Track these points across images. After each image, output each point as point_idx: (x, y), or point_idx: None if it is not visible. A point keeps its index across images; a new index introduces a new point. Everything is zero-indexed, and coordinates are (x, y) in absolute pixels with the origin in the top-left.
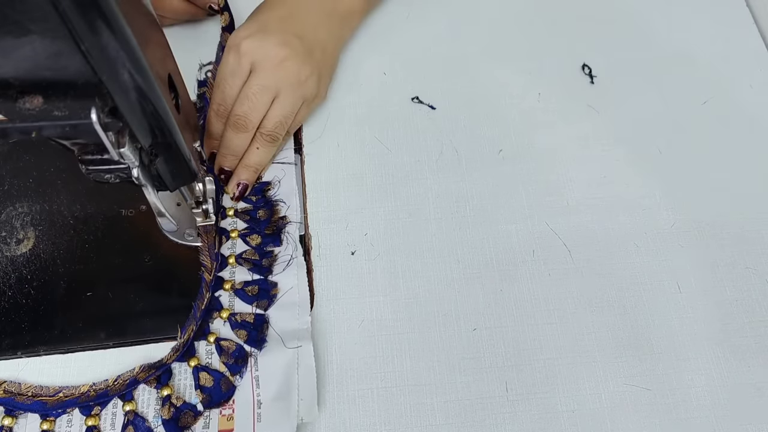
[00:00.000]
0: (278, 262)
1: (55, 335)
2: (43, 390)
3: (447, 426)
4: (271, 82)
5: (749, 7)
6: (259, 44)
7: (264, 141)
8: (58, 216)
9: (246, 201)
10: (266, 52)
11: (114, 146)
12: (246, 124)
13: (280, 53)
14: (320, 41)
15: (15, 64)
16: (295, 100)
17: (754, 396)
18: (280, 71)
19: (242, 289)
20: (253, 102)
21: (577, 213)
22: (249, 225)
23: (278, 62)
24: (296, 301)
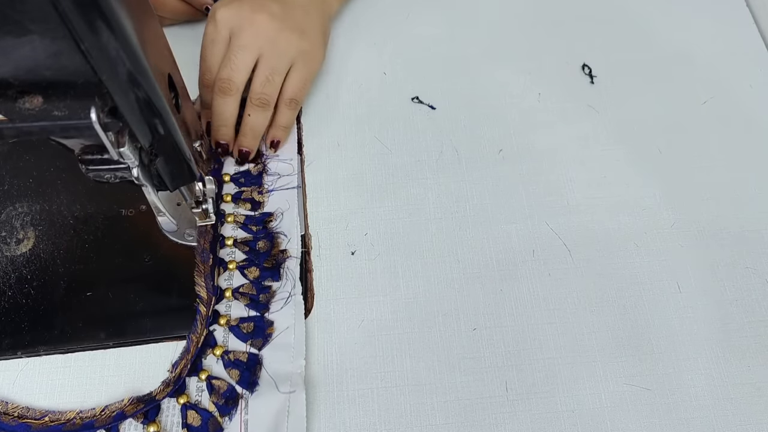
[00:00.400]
0: (276, 299)
1: (55, 335)
2: (30, 412)
3: (447, 426)
4: (249, 42)
5: (749, 7)
6: (235, 11)
7: (253, 106)
8: (58, 216)
9: (246, 230)
10: (242, 16)
11: (114, 146)
12: (230, 87)
13: (255, 15)
14: (299, 3)
15: (15, 64)
16: (279, 57)
17: (754, 396)
18: (256, 31)
19: (237, 326)
20: (234, 63)
21: (577, 213)
22: (248, 256)
23: (253, 23)
24: (291, 342)
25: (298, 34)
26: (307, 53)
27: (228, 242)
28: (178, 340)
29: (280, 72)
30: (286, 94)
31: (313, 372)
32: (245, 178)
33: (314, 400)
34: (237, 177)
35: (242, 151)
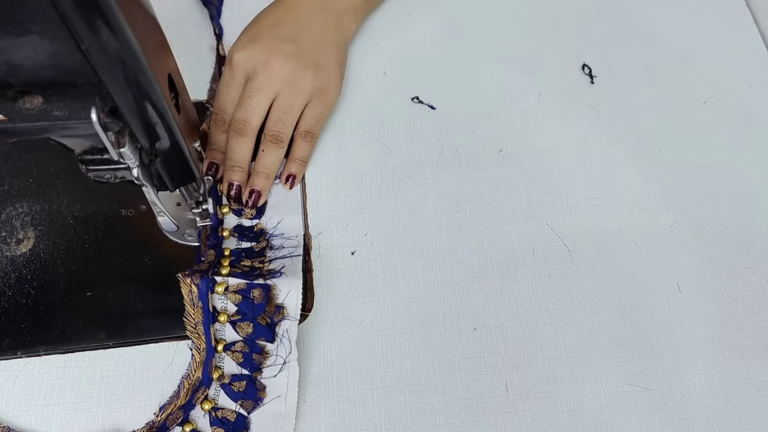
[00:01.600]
0: (270, 364)
1: (55, 335)
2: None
3: (447, 426)
4: (264, 84)
5: (749, 7)
6: (249, 54)
7: (267, 142)
8: (58, 216)
9: (240, 276)
10: (256, 60)
11: (114, 146)
12: (246, 128)
13: (269, 57)
14: (315, 38)
15: (15, 64)
16: (294, 96)
17: (754, 396)
18: (271, 73)
19: (230, 384)
20: (250, 105)
21: (577, 213)
22: (240, 308)
23: (267, 65)
24: (282, 412)
25: (314, 71)
26: (323, 89)
27: (218, 289)
28: (178, 340)
29: (295, 110)
30: (301, 127)
31: (313, 372)
32: (247, 252)
33: (314, 400)
34: (238, 252)
35: (254, 192)
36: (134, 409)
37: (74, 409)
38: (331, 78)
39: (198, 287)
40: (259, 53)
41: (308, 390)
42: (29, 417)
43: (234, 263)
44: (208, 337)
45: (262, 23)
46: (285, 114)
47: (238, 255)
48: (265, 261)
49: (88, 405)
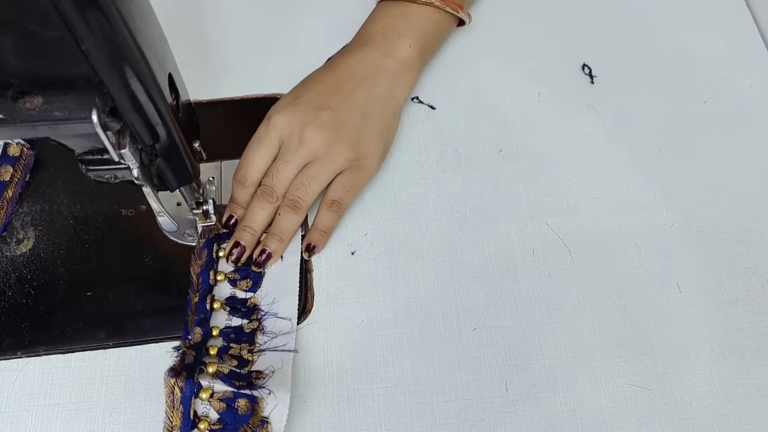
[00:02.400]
0: None
1: (55, 335)
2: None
3: (447, 426)
4: (296, 157)
5: (749, 7)
6: (288, 119)
7: (285, 206)
8: (58, 216)
9: (228, 383)
10: (292, 128)
11: (114, 147)
12: (270, 195)
13: (306, 129)
14: (358, 107)
15: (15, 64)
16: (323, 166)
17: (754, 396)
18: (305, 147)
19: None
20: (278, 175)
21: (577, 213)
22: (223, 417)
23: (303, 138)
24: None
25: (351, 144)
26: (359, 161)
27: (203, 395)
28: (178, 340)
29: (321, 179)
30: (329, 195)
31: (313, 372)
32: (236, 334)
33: (314, 400)
34: (227, 332)
35: (265, 252)
36: (134, 409)
37: (74, 409)
38: (370, 151)
39: (182, 390)
40: (297, 121)
41: (308, 390)
42: (29, 417)
43: (221, 352)
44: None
45: (307, 87)
46: (309, 180)
47: (226, 337)
48: (255, 351)
49: (88, 405)
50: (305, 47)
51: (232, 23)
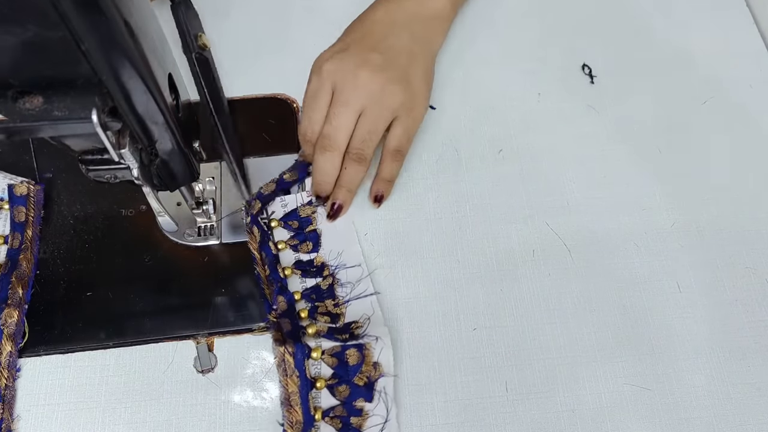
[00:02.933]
0: (369, 427)
1: (55, 335)
2: None
3: (447, 426)
4: (351, 98)
5: (749, 7)
6: (338, 65)
7: (350, 160)
8: (58, 216)
9: (332, 339)
10: (345, 71)
11: (114, 147)
12: (332, 145)
13: (358, 70)
14: (403, 49)
15: (15, 64)
16: (380, 113)
17: (754, 396)
18: (359, 87)
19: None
20: (336, 121)
21: (577, 213)
22: (337, 372)
23: (356, 78)
24: None
25: (403, 85)
26: (411, 104)
27: (314, 354)
28: (178, 340)
29: (380, 129)
30: (390, 145)
31: None
32: (316, 293)
33: None
34: (308, 294)
35: (335, 205)
36: (134, 409)
37: (74, 409)
38: (419, 92)
39: (294, 356)
40: (348, 64)
41: None
42: (29, 417)
43: (311, 313)
44: (306, 407)
45: (350, 36)
46: (370, 134)
47: (308, 298)
48: (340, 304)
49: (88, 405)
50: (305, 47)
51: (231, 23)
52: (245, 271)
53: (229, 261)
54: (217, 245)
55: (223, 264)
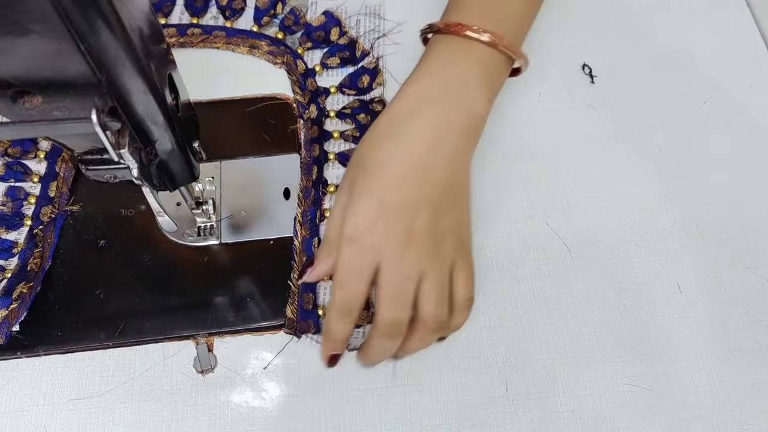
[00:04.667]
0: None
1: (55, 335)
2: None
3: (447, 426)
4: (412, 272)
5: (749, 7)
6: (383, 234)
7: (428, 330)
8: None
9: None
10: (390, 241)
11: (114, 147)
12: (401, 330)
13: (409, 237)
14: (450, 182)
15: (15, 64)
16: (442, 272)
17: (754, 396)
18: (414, 258)
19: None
20: (405, 297)
21: (577, 213)
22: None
23: (406, 249)
24: None
25: (457, 238)
26: (466, 246)
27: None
28: (178, 340)
29: (446, 286)
30: (461, 295)
31: (313, 372)
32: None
33: (314, 400)
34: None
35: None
36: (134, 409)
37: (74, 409)
38: (468, 234)
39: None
40: (393, 233)
41: (308, 390)
42: (29, 417)
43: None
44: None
45: (382, 178)
46: (442, 297)
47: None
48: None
49: (88, 405)
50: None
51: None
52: (245, 271)
53: (229, 261)
54: (217, 245)
55: (223, 264)
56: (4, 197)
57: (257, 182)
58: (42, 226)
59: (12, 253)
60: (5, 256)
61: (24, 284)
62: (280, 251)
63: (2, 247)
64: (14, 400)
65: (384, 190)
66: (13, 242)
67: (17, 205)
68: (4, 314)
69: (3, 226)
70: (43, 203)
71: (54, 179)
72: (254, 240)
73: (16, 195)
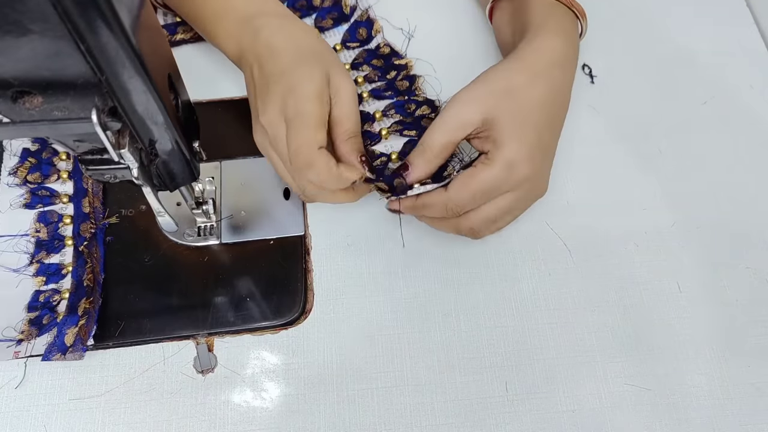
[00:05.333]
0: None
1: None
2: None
3: (447, 426)
4: (520, 206)
5: (749, 7)
6: (534, 168)
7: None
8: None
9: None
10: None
11: (114, 147)
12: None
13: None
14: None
15: (15, 64)
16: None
17: (754, 396)
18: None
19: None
20: (497, 224)
21: (577, 213)
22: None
23: (536, 183)
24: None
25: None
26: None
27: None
28: (178, 340)
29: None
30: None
31: (313, 372)
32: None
33: (314, 400)
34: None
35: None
36: (134, 409)
37: (74, 409)
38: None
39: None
40: (538, 165)
41: (308, 390)
42: (29, 417)
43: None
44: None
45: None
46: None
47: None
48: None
49: (88, 405)
50: None
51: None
52: (245, 271)
53: (229, 261)
54: (217, 245)
55: (223, 264)
56: (37, 224)
57: (257, 182)
58: (86, 242)
59: (62, 274)
60: (56, 279)
61: (85, 300)
62: (280, 251)
63: (50, 272)
64: (14, 400)
65: (536, 123)
66: (60, 264)
67: (53, 229)
68: (75, 331)
69: (43, 251)
70: (81, 220)
71: (84, 195)
72: (254, 240)
73: (48, 219)
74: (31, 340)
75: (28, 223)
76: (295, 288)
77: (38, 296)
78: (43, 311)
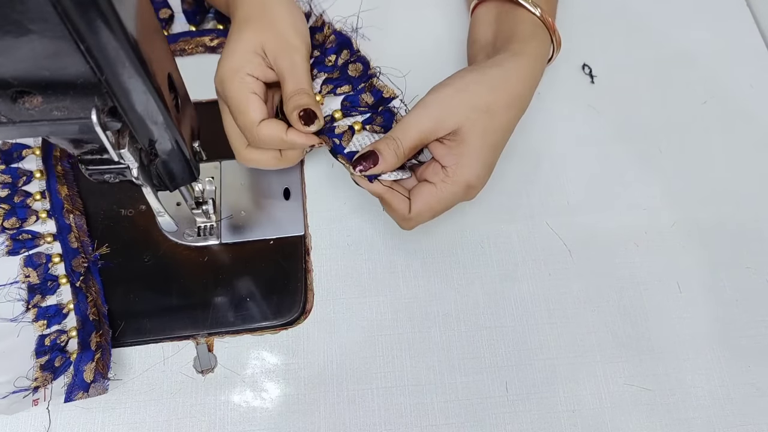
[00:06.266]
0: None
1: None
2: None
3: (447, 426)
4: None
5: (749, 7)
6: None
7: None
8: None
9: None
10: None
11: (114, 147)
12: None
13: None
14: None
15: (15, 64)
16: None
17: (754, 396)
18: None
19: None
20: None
21: (577, 213)
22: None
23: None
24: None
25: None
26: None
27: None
28: (178, 340)
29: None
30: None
31: (313, 372)
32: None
33: (314, 400)
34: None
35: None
36: (134, 409)
37: (74, 409)
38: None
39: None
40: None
41: (308, 390)
42: (29, 417)
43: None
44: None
45: (497, 136)
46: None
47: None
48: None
49: (88, 405)
50: None
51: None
52: (245, 271)
53: (229, 261)
54: (217, 245)
55: (223, 264)
56: (25, 269)
57: (257, 182)
58: (82, 277)
59: (63, 314)
60: (58, 320)
61: (95, 334)
62: (280, 251)
63: (50, 314)
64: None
65: (496, 140)
66: (59, 304)
67: (42, 270)
68: (93, 366)
69: (38, 294)
70: (71, 257)
71: (69, 231)
72: (254, 240)
73: (36, 262)
74: (47, 385)
75: (16, 270)
76: (295, 288)
77: (43, 340)
78: (53, 354)
